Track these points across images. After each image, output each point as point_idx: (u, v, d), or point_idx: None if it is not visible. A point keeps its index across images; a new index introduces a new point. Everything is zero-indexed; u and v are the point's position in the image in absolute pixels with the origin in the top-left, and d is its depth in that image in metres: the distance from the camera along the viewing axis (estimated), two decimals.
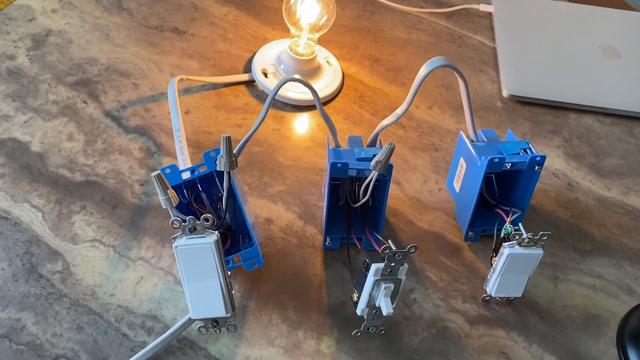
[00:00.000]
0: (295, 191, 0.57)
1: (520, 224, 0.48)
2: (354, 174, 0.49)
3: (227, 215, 0.47)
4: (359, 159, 0.49)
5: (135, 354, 0.45)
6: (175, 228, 0.40)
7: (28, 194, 0.53)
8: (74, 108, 0.60)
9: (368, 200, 0.49)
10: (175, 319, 0.47)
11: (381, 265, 0.43)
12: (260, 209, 0.55)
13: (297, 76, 0.48)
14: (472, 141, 0.54)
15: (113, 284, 0.49)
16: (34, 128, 0.58)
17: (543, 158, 0.50)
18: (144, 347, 0.45)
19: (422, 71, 0.48)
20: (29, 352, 0.44)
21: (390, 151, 0.44)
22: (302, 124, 0.63)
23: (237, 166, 0.44)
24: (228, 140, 0.42)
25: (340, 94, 0.67)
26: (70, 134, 0.58)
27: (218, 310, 0.41)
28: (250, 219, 0.47)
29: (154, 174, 0.40)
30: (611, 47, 0.76)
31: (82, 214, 0.53)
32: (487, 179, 0.55)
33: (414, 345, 0.48)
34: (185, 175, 0.47)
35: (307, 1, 0.61)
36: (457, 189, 0.56)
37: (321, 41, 0.67)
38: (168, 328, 0.46)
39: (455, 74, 0.49)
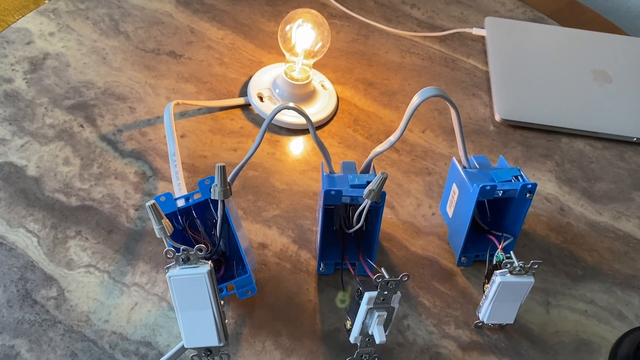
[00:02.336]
0: (289, 215, 0.58)
1: (511, 252, 0.48)
2: (348, 201, 0.49)
3: (220, 242, 0.48)
4: (352, 186, 0.50)
5: None
6: (169, 258, 0.40)
7: (23, 218, 0.54)
8: (70, 132, 0.61)
9: (362, 226, 0.50)
10: (169, 345, 0.47)
11: (374, 293, 0.43)
12: (254, 234, 0.56)
13: (291, 104, 0.49)
14: (464, 167, 0.54)
15: (107, 310, 0.49)
16: (30, 152, 0.59)
17: (534, 186, 0.51)
18: None
19: (415, 100, 0.49)
20: None
21: (383, 180, 0.45)
22: (297, 148, 0.64)
23: (231, 195, 0.45)
24: (222, 169, 0.43)
25: (335, 118, 0.67)
26: (67, 158, 0.59)
27: (211, 339, 0.42)
28: (244, 244, 0.48)
29: (148, 203, 0.40)
30: (603, 71, 0.77)
31: (78, 239, 0.53)
32: (479, 204, 0.56)
33: None
34: (180, 203, 0.47)
35: (302, 28, 0.62)
36: (450, 214, 0.56)
37: (316, 65, 0.68)
38: (162, 355, 0.46)
39: (447, 103, 0.50)
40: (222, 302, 0.42)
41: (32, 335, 0.47)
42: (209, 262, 0.41)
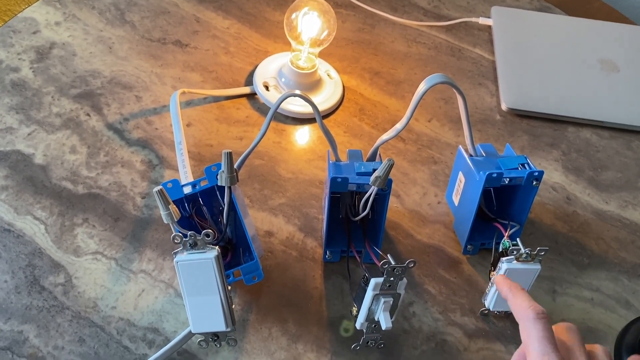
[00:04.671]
0: (295, 204, 0.58)
1: (518, 239, 0.48)
2: (354, 189, 0.50)
3: (227, 229, 0.48)
4: (359, 174, 0.50)
5: None
6: (176, 243, 0.40)
7: (31, 206, 0.54)
8: (77, 120, 0.61)
9: (368, 213, 0.50)
10: (176, 331, 0.48)
11: (380, 279, 0.43)
12: (260, 222, 0.56)
13: (297, 91, 0.48)
14: (470, 156, 0.54)
15: (115, 296, 0.49)
16: (37, 140, 0.59)
17: (541, 173, 0.51)
18: None
19: (422, 87, 0.48)
20: None
21: (390, 167, 0.45)
22: (303, 137, 0.64)
23: (238, 181, 0.45)
24: (229, 155, 0.43)
25: (341, 107, 0.67)
26: (73, 146, 0.59)
27: (218, 324, 0.42)
28: (250, 231, 0.48)
29: (155, 189, 0.40)
30: (609, 60, 0.77)
31: (85, 226, 0.53)
32: (485, 193, 0.56)
33: (413, 358, 0.49)
34: (187, 190, 0.47)
35: (308, 16, 0.62)
36: (456, 203, 0.56)
37: (322, 54, 0.68)
38: (169, 341, 0.46)
39: (454, 90, 0.50)
40: (229, 287, 0.42)
41: (40, 321, 0.47)
42: (217, 247, 0.41)
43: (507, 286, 0.42)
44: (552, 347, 0.35)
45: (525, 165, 0.52)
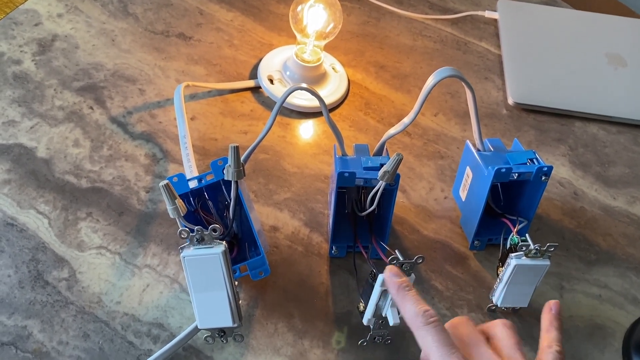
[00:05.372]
0: (301, 199, 0.57)
1: (527, 235, 0.48)
2: (361, 184, 0.49)
3: (233, 224, 0.47)
4: (366, 168, 0.49)
5: None
6: (183, 238, 0.40)
7: (34, 200, 0.53)
8: (80, 114, 0.60)
9: (374, 209, 0.49)
10: (181, 327, 0.47)
11: None
12: (266, 217, 0.55)
13: (304, 85, 0.48)
14: (478, 150, 0.54)
15: (119, 291, 0.49)
16: (40, 134, 0.58)
17: (550, 168, 0.50)
18: (150, 356, 0.45)
19: (430, 81, 0.48)
20: None
21: (398, 162, 0.44)
22: (308, 131, 0.63)
23: (244, 175, 0.44)
24: (236, 149, 0.42)
25: (346, 101, 0.67)
26: (77, 139, 0.58)
27: (225, 320, 0.41)
28: (256, 226, 0.47)
29: (162, 183, 0.40)
30: (617, 55, 0.76)
31: (88, 220, 0.53)
32: (493, 188, 0.55)
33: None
34: (193, 184, 0.47)
35: (314, 8, 0.61)
36: (463, 198, 0.56)
37: (327, 47, 0.67)
38: (174, 336, 0.46)
39: (463, 83, 0.49)
40: (236, 282, 0.42)
41: (44, 316, 0.47)
42: (224, 242, 0.40)
43: (394, 288, 0.39)
44: (450, 349, 0.35)
45: (534, 160, 0.52)
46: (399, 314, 0.44)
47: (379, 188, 0.47)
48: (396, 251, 0.43)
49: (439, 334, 0.36)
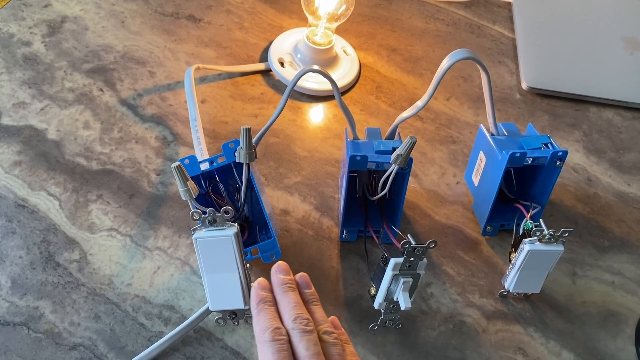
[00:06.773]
0: (311, 182, 0.57)
1: (540, 220, 0.47)
2: (373, 167, 0.48)
3: (245, 207, 0.47)
4: (378, 152, 0.49)
5: (152, 344, 0.45)
6: (195, 220, 0.40)
7: (45, 182, 0.53)
8: (90, 96, 0.60)
9: (386, 193, 0.49)
10: (192, 309, 0.47)
11: (400, 259, 0.42)
12: (276, 200, 0.55)
13: (316, 67, 0.47)
14: (492, 135, 0.53)
15: (130, 273, 0.49)
16: (50, 116, 0.58)
17: (565, 153, 0.49)
18: (161, 337, 0.45)
19: (445, 63, 0.47)
20: (47, 341, 0.45)
21: (412, 145, 0.44)
22: (319, 115, 0.63)
23: (256, 158, 0.44)
24: (248, 132, 0.42)
25: (357, 85, 0.66)
26: (87, 122, 0.58)
27: (237, 302, 0.41)
28: (267, 209, 0.47)
29: (174, 165, 0.40)
30: (633, 39, 0.74)
31: (99, 202, 0.53)
32: (505, 173, 0.54)
33: (431, 339, 0.48)
34: (204, 167, 0.47)
35: None
36: (476, 183, 0.55)
37: (338, 30, 0.66)
38: (185, 318, 0.46)
39: (478, 66, 0.48)
40: (247, 265, 0.42)
41: (55, 297, 0.47)
42: (235, 224, 0.40)
43: (255, 301, 0.39)
44: None
45: (549, 145, 0.51)
46: (410, 298, 0.43)
47: (391, 172, 0.46)
48: (408, 235, 0.42)
49: (278, 352, 0.35)
